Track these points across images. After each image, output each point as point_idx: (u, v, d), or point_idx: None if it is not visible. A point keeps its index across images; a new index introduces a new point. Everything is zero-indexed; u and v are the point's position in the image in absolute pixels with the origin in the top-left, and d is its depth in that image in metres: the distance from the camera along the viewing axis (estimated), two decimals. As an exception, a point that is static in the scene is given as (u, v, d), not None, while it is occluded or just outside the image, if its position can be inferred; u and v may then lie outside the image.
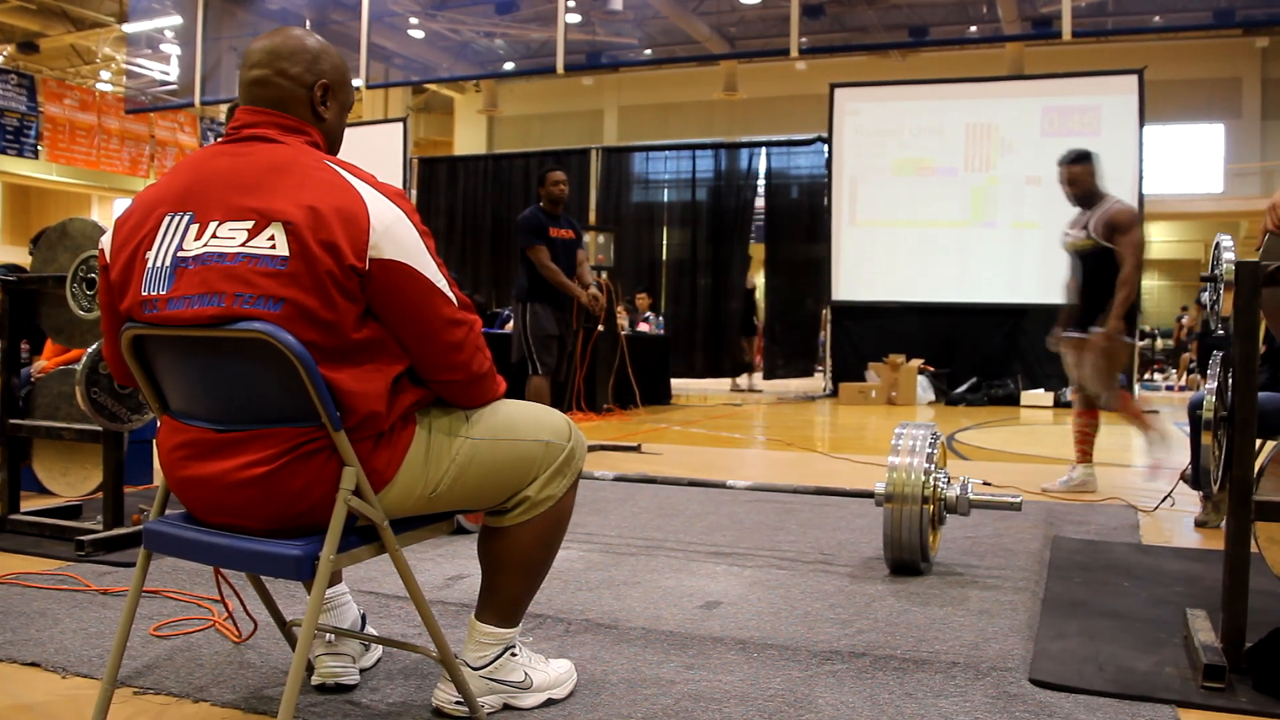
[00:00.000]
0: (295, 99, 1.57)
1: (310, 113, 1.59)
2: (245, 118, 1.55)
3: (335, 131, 1.65)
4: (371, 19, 12.34)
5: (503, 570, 1.71)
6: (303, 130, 1.57)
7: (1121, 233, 4.15)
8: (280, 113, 1.56)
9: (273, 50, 1.57)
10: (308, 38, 1.61)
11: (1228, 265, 2.08)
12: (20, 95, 18.09)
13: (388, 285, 1.46)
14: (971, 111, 10.23)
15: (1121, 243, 4.14)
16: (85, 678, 1.89)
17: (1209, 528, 3.51)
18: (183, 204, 1.48)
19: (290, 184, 1.45)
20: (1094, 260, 4.23)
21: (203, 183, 1.49)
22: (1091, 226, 4.22)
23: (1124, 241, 4.14)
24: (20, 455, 3.30)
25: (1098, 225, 4.19)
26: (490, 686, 1.73)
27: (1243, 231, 18.54)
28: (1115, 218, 4.19)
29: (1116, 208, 4.24)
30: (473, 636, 1.73)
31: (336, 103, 1.63)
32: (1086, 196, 4.30)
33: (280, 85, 1.56)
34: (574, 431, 1.75)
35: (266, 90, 1.56)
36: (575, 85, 21.28)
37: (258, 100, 1.56)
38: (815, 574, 2.74)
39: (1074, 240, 4.35)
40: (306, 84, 1.58)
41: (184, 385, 1.53)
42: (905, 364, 9.81)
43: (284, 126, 1.55)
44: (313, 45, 1.60)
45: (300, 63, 1.57)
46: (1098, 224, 4.19)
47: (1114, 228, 4.17)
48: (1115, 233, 4.17)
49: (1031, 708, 1.78)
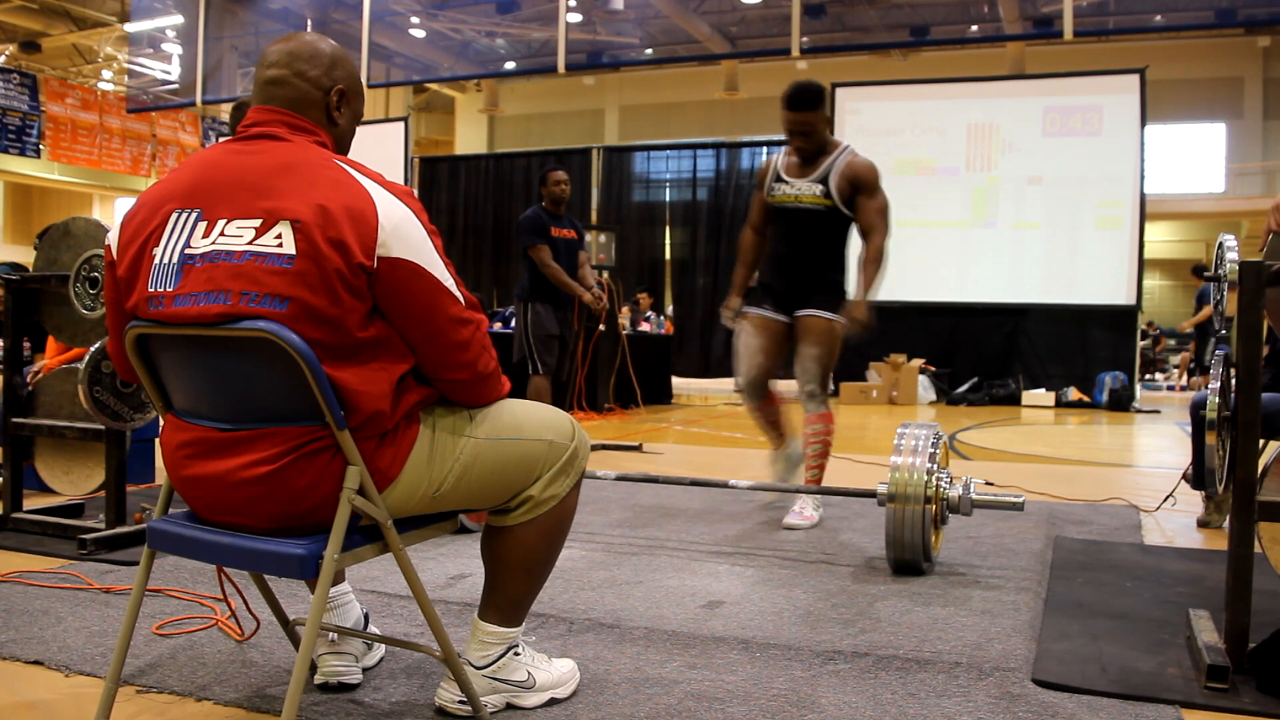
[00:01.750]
0: (311, 101, 1.58)
1: (324, 116, 1.60)
2: (257, 116, 1.56)
3: (345, 139, 1.65)
4: (373, 18, 12.35)
5: (506, 569, 1.71)
6: (313, 132, 1.57)
7: (868, 194, 3.37)
8: (294, 113, 1.56)
9: (291, 52, 1.58)
10: (326, 44, 1.62)
11: (1231, 265, 2.07)
12: (22, 94, 18.09)
13: (395, 283, 1.46)
14: (973, 111, 10.23)
15: (868, 207, 3.36)
16: (88, 676, 1.89)
17: (1211, 528, 3.51)
18: (191, 200, 1.48)
19: (299, 182, 1.45)
20: (822, 223, 3.41)
21: (211, 180, 1.49)
22: (832, 182, 3.35)
23: (871, 206, 3.36)
24: (23, 454, 3.30)
25: (839, 181, 3.35)
26: (493, 686, 1.73)
27: (1244, 231, 18.54)
28: (862, 173, 3.36)
29: (858, 160, 3.39)
30: (476, 636, 1.74)
31: (350, 110, 1.64)
32: (820, 147, 3.41)
33: (297, 86, 1.57)
34: (577, 431, 1.75)
35: (283, 90, 1.56)
36: (576, 85, 21.29)
37: (273, 99, 1.56)
38: (818, 574, 2.74)
39: (799, 194, 3.40)
40: (323, 87, 1.59)
41: (188, 384, 1.53)
42: (906, 364, 9.81)
43: (295, 126, 1.55)
44: (331, 51, 1.62)
45: (318, 66, 1.59)
46: (839, 179, 3.35)
47: (859, 186, 3.36)
48: (860, 193, 3.37)
49: (1034, 708, 1.78)
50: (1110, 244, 9.75)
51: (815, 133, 3.36)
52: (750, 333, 3.50)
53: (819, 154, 3.41)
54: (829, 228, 3.42)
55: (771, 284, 3.54)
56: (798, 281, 3.47)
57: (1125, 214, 9.71)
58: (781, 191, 3.45)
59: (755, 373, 3.48)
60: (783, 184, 3.45)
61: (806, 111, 3.33)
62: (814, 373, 3.40)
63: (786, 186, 3.44)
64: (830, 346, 3.42)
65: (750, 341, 3.49)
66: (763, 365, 3.48)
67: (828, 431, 3.42)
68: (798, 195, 3.41)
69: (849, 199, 3.38)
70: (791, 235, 3.47)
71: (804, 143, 3.38)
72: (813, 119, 3.34)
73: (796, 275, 3.47)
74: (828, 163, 3.39)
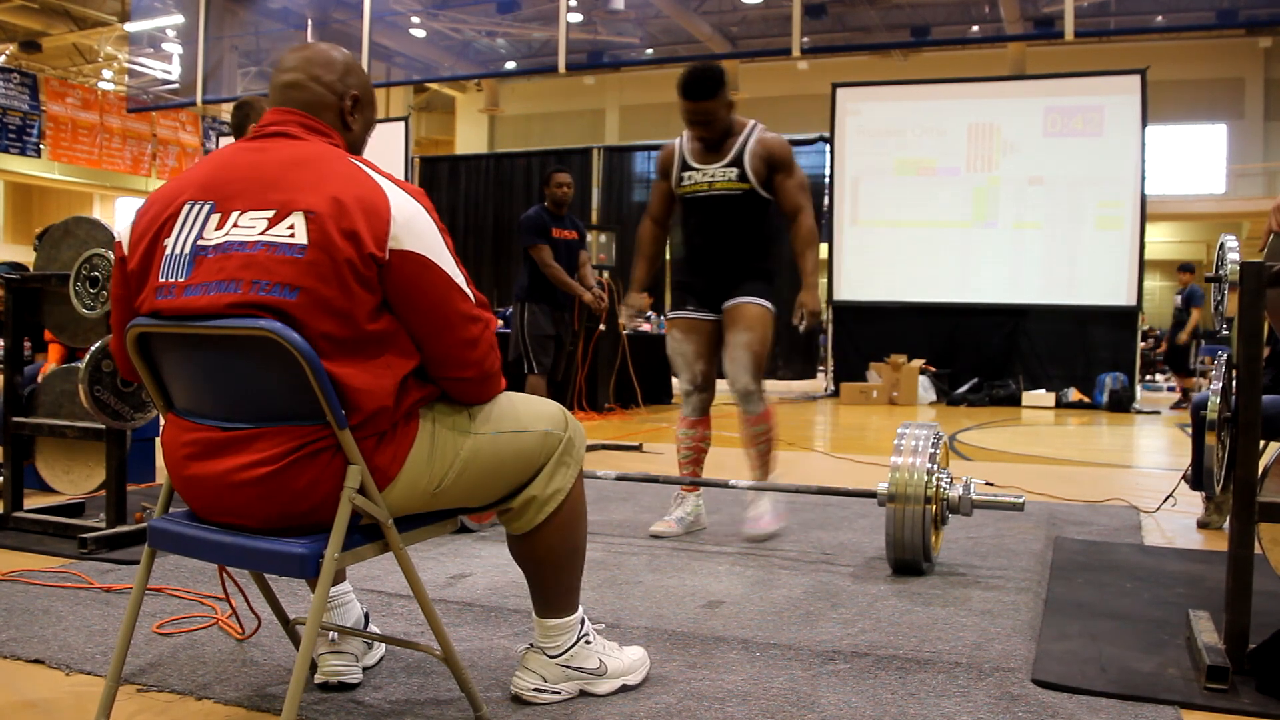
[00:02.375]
0: (326, 104, 1.61)
1: (338, 120, 1.63)
2: (273, 117, 1.59)
3: (358, 145, 1.68)
4: (373, 18, 12.36)
5: (540, 571, 1.75)
6: (328, 134, 1.60)
7: (786, 171, 3.16)
8: (309, 115, 1.59)
9: (308, 58, 1.63)
10: (340, 52, 1.67)
11: (1232, 266, 2.07)
12: (23, 94, 18.10)
13: (406, 277, 1.47)
14: (973, 112, 10.23)
15: (788, 186, 3.16)
16: (89, 675, 1.90)
17: (1211, 529, 3.51)
18: (205, 193, 1.50)
19: (313, 176, 1.47)
20: (741, 208, 3.18)
21: (226, 175, 1.51)
22: (747, 163, 3.14)
23: (791, 184, 3.16)
24: (24, 453, 3.30)
25: (753, 161, 3.13)
26: (567, 674, 1.78)
27: (1245, 232, 18.53)
28: (776, 150, 3.15)
29: (769, 137, 3.18)
30: (542, 631, 1.78)
31: (363, 117, 1.68)
32: (725, 131, 3.17)
33: (313, 89, 1.61)
34: (570, 420, 1.77)
35: (299, 93, 1.60)
36: (577, 84, 21.29)
37: (289, 101, 1.60)
38: (818, 574, 2.74)
39: (711, 180, 3.17)
40: (338, 92, 1.63)
41: (189, 383, 1.53)
42: (907, 364, 9.81)
43: (310, 127, 1.58)
44: (346, 59, 1.66)
45: (334, 72, 1.63)
46: (753, 160, 3.14)
47: (775, 164, 3.15)
48: (777, 172, 3.15)
49: (1034, 708, 1.78)
50: (1111, 245, 9.75)
51: (716, 120, 3.10)
52: (680, 339, 3.26)
53: (726, 136, 3.16)
54: (749, 212, 3.19)
55: (691, 282, 3.29)
56: (721, 274, 3.23)
57: (1126, 215, 9.71)
58: (692, 180, 3.20)
59: (701, 380, 3.26)
60: (692, 171, 3.20)
61: (706, 101, 3.06)
62: (746, 363, 3.13)
63: (696, 174, 3.19)
64: (763, 333, 3.15)
65: (683, 348, 3.26)
66: (705, 372, 3.26)
67: (771, 430, 3.20)
68: (711, 182, 3.16)
69: (766, 180, 3.15)
70: (708, 226, 3.23)
71: (706, 131, 3.13)
72: (713, 107, 3.07)
73: (718, 267, 3.23)
74: (738, 144, 3.15)
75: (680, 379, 3.31)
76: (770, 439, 3.21)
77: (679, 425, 3.32)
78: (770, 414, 3.21)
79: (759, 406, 3.17)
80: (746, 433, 3.20)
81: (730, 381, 3.20)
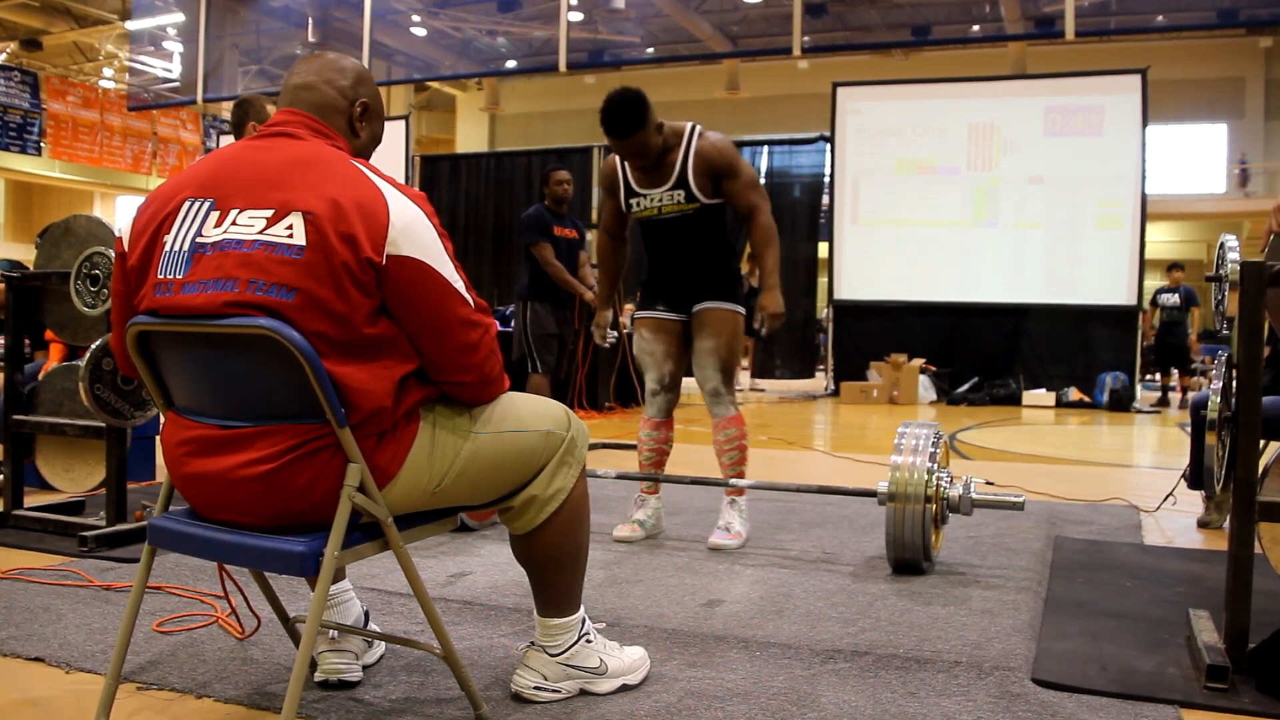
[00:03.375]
0: (335, 108, 1.63)
1: (347, 125, 1.65)
2: (281, 117, 1.60)
3: (364, 154, 1.68)
4: (374, 16, 12.35)
5: (541, 571, 1.76)
6: (334, 138, 1.61)
7: (731, 175, 3.03)
8: (317, 118, 1.60)
9: (323, 63, 1.66)
10: (352, 62, 1.69)
11: (1233, 265, 2.07)
12: (23, 92, 18.09)
13: (404, 282, 1.47)
14: (974, 111, 10.23)
15: (738, 189, 3.04)
16: (89, 673, 1.90)
17: (1211, 528, 3.51)
18: (205, 190, 1.50)
19: (314, 177, 1.47)
20: (695, 224, 3.09)
21: (227, 172, 1.51)
22: (691, 181, 3.02)
23: (740, 187, 3.04)
24: (24, 451, 3.30)
25: (697, 178, 3.01)
26: (567, 672, 1.78)
27: (1245, 232, 18.53)
28: (715, 158, 3.02)
29: (706, 144, 3.03)
30: (543, 630, 1.78)
31: (371, 127, 1.69)
32: (663, 152, 3.04)
33: (324, 92, 1.62)
34: (572, 420, 1.77)
35: (310, 94, 1.61)
36: (577, 83, 21.26)
37: (298, 103, 1.61)
38: (818, 573, 2.74)
39: (660, 205, 3.07)
40: (349, 98, 1.64)
41: (189, 381, 1.53)
42: (907, 363, 9.81)
43: (316, 130, 1.59)
44: (358, 69, 1.68)
45: (347, 78, 1.65)
46: (696, 176, 3.01)
47: (719, 173, 3.02)
48: (724, 179, 3.03)
49: (1034, 707, 1.78)
50: (1111, 244, 9.75)
51: (649, 148, 2.97)
52: (648, 338, 3.20)
53: (665, 153, 3.04)
54: (704, 226, 3.10)
55: (659, 285, 3.23)
56: (686, 281, 3.16)
57: (1126, 214, 9.71)
58: (640, 205, 3.10)
59: (669, 380, 3.21)
60: (639, 197, 3.10)
61: (632, 135, 2.92)
62: (714, 367, 3.10)
63: (643, 199, 3.09)
64: (731, 338, 3.10)
65: (653, 348, 3.20)
66: (673, 372, 3.21)
67: (741, 435, 3.15)
68: (660, 207, 3.07)
69: (714, 190, 3.05)
70: (666, 244, 3.16)
71: (643, 162, 3.02)
72: (641, 139, 2.93)
73: (683, 276, 3.17)
74: (678, 161, 3.03)
75: (648, 378, 3.26)
76: (740, 444, 3.16)
77: (642, 426, 3.28)
78: (739, 420, 3.18)
79: (728, 409, 3.15)
80: (716, 440, 3.18)
81: (700, 384, 3.19)
